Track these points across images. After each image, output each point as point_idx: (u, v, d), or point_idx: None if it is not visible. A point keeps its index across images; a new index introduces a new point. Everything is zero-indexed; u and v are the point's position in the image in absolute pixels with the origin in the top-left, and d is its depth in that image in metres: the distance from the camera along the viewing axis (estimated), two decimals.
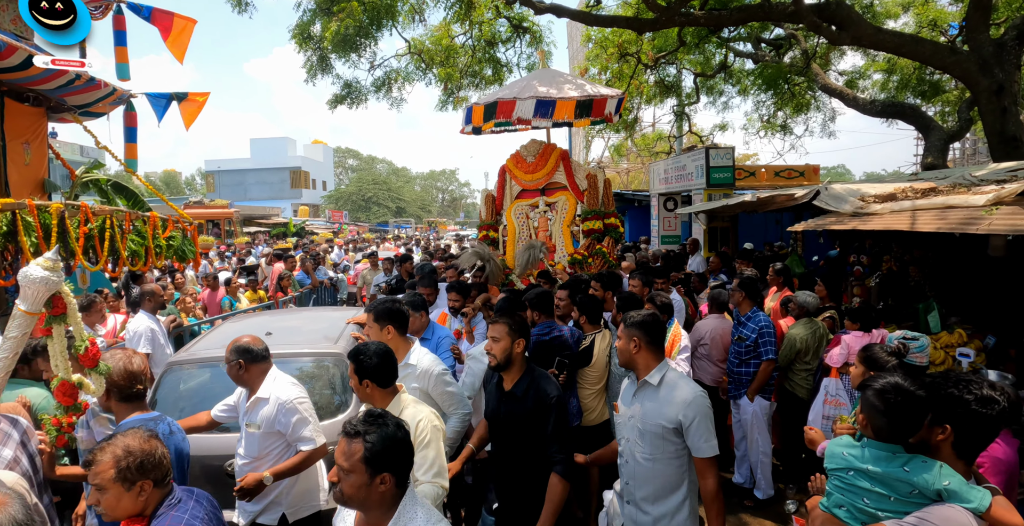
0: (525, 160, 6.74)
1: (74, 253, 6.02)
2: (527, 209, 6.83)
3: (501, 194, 6.96)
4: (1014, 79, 8.39)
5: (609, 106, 6.22)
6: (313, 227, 32.62)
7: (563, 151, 6.74)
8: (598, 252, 6.27)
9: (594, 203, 6.44)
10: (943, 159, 11.12)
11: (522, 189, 6.84)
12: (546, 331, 4.00)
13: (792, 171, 14.91)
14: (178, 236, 7.88)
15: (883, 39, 8.76)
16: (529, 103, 5.87)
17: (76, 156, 27.90)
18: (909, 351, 3.20)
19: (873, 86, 16.76)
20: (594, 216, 6.40)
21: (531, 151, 6.72)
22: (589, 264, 6.19)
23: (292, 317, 5.39)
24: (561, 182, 6.66)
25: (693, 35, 12.65)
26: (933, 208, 4.43)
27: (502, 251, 6.82)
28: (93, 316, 5.57)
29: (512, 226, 6.81)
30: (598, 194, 6.46)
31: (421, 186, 70.56)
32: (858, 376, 2.98)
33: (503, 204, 6.95)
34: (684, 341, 4.51)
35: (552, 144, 6.83)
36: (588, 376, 4.09)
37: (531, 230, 6.74)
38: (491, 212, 6.98)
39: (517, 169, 6.80)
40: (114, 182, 10.15)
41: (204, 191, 53.53)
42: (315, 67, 11.65)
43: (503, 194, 6.94)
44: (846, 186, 6.10)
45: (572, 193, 6.60)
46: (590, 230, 6.40)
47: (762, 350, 4.64)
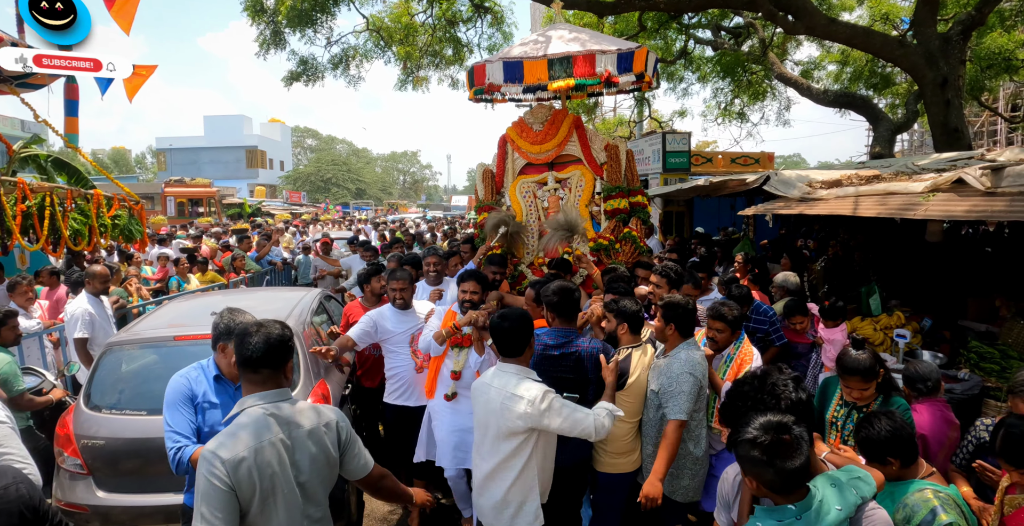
0: (531, 128, 5.73)
1: (11, 232, 5.78)
2: (533, 187, 5.82)
3: (502, 169, 5.91)
4: (958, 73, 8.70)
5: (603, 64, 5.01)
6: (270, 208, 31.85)
7: (576, 118, 5.75)
8: (627, 236, 5.37)
9: (616, 178, 5.47)
10: (890, 149, 11.51)
11: (527, 163, 5.85)
12: (561, 341, 3.16)
13: (748, 158, 15.25)
14: (124, 215, 7.61)
15: (836, 30, 8.97)
16: (497, 65, 5.15)
17: (16, 131, 26.58)
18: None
19: (828, 77, 17.17)
20: (618, 194, 5.45)
21: (538, 118, 5.70)
22: (617, 251, 5.32)
23: (243, 297, 5.28)
24: (574, 154, 5.69)
25: (654, 20, 12.70)
26: (875, 194, 4.59)
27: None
28: (18, 298, 5.33)
29: (518, 206, 5.78)
30: (620, 167, 5.48)
31: (382, 168, 69.51)
32: None
33: (504, 181, 5.94)
34: (756, 361, 3.40)
35: (563, 109, 5.84)
36: (620, 405, 3.07)
37: (539, 211, 5.73)
38: (491, 190, 5.94)
39: (521, 139, 5.74)
40: (55, 158, 9.72)
41: (155, 170, 51.71)
42: (268, 41, 11.30)
43: (504, 169, 5.90)
44: (795, 172, 6.25)
45: (588, 167, 5.62)
46: (614, 210, 5.44)
47: (774, 337, 4.62)
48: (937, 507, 2.05)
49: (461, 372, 3.72)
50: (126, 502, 3.11)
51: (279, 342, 2.04)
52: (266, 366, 2.02)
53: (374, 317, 4.07)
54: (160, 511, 3.09)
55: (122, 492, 3.13)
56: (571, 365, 3.12)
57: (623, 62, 4.95)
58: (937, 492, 2.13)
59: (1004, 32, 12.87)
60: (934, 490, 2.14)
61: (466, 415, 3.60)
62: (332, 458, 2.09)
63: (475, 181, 6.21)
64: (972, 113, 21.74)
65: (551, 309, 3.22)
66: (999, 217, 4.32)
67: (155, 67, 7.52)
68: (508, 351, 2.76)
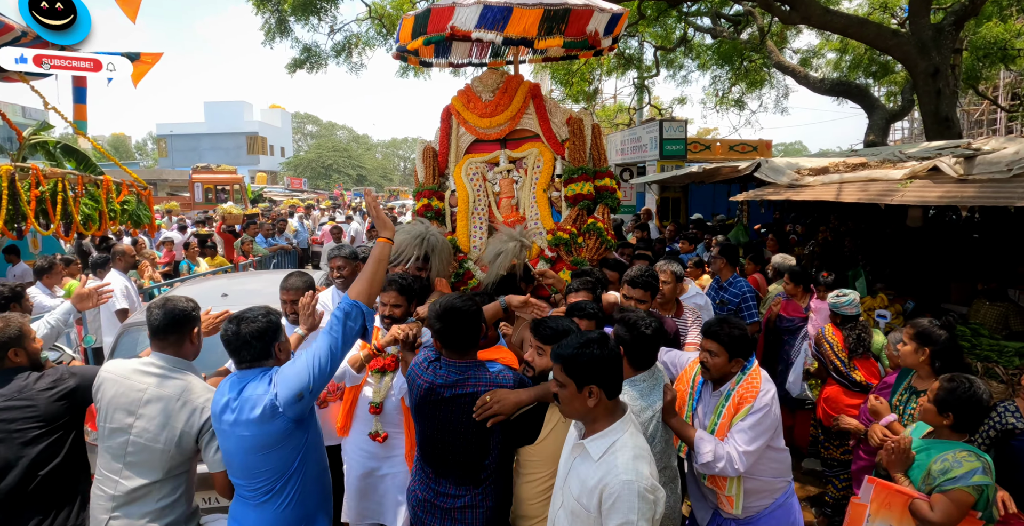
0: (479, 98, 4.85)
1: (25, 216, 5.99)
2: (483, 168, 4.94)
3: (445, 147, 5.04)
4: (949, 62, 8.86)
5: (595, 23, 4.35)
6: (271, 194, 32.02)
7: (533, 86, 4.83)
8: (591, 228, 4.52)
9: (580, 158, 4.60)
10: (884, 137, 11.67)
11: (475, 139, 4.98)
12: (454, 378, 2.42)
13: (746, 145, 15.41)
14: (132, 200, 7.82)
15: (831, 20, 9.11)
16: (473, 9, 4.19)
17: (18, 117, 26.70)
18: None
19: (827, 65, 17.26)
20: (581, 176, 4.56)
21: (488, 85, 4.83)
22: (579, 245, 4.51)
23: (251, 279, 5.51)
24: (531, 129, 4.82)
25: (653, 8, 12.81)
26: (857, 181, 4.79)
27: (450, 227, 4.97)
28: (53, 278, 5.62)
29: (463, 192, 4.87)
30: (584, 145, 4.60)
31: (383, 154, 69.50)
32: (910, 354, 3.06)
33: (448, 161, 5.08)
34: (764, 399, 2.55)
35: (518, 76, 4.91)
36: (527, 463, 2.47)
37: (490, 197, 4.88)
38: (432, 173, 5.05)
39: (468, 111, 4.89)
40: (64, 145, 9.91)
41: (156, 156, 51.77)
42: (273, 30, 11.45)
43: (448, 146, 5.05)
44: (785, 160, 6.43)
45: (547, 144, 4.75)
46: (577, 196, 4.56)
47: (745, 314, 4.84)
48: (978, 468, 2.26)
49: (382, 404, 2.98)
50: None
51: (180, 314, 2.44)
52: (160, 334, 2.41)
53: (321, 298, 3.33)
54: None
55: None
56: (463, 411, 2.36)
57: (612, 24, 4.44)
58: (979, 456, 2.33)
59: (1000, 21, 12.97)
60: (977, 455, 2.34)
61: (379, 457, 3.03)
62: (176, 434, 2.31)
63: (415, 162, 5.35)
64: (971, 102, 21.85)
65: (435, 337, 2.48)
66: (968, 202, 4.53)
67: (161, 55, 7.66)
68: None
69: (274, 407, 2.14)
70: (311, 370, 2.15)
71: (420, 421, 2.46)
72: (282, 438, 2.20)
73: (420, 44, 4.45)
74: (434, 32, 4.29)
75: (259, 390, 2.19)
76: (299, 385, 2.14)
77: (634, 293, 3.37)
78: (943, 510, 2.23)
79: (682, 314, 4.00)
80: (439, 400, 2.38)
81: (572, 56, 5.77)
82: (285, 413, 2.15)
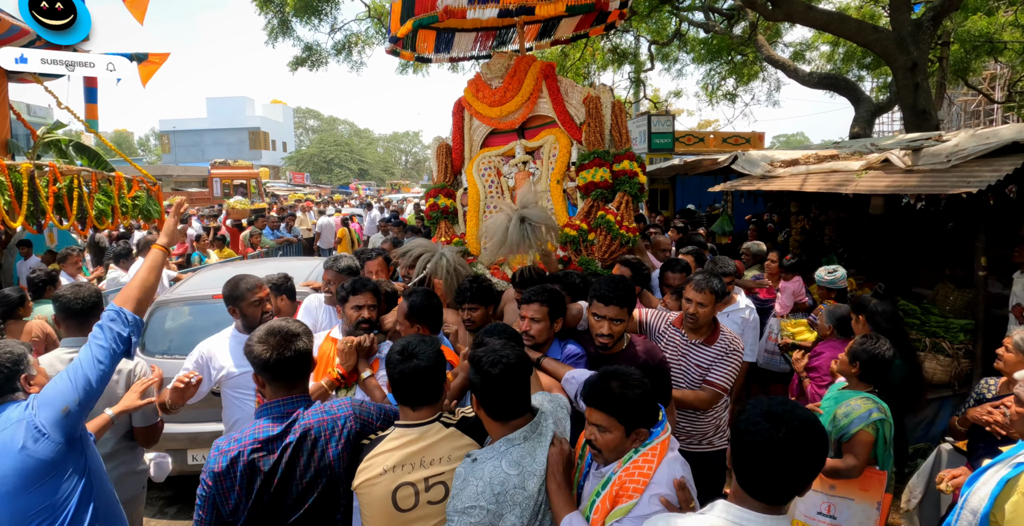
0: (488, 85, 4.45)
1: (44, 212, 6.37)
2: (497, 162, 4.51)
3: (459, 142, 4.66)
4: (928, 57, 9.17)
5: None
6: (274, 189, 32.41)
7: (545, 65, 4.32)
8: (600, 221, 3.89)
9: (597, 141, 4.02)
10: (869, 130, 11.97)
11: (492, 131, 4.57)
12: (273, 429, 1.96)
13: (739, 138, 15.74)
14: (143, 196, 8.22)
15: (813, 16, 9.42)
16: None
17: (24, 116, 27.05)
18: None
19: (821, 58, 17.52)
20: (594, 161, 3.97)
21: (496, 71, 4.41)
22: (590, 243, 3.92)
23: (261, 266, 5.92)
24: (548, 115, 4.32)
25: (645, 5, 13.09)
26: (821, 172, 5.16)
27: (462, 227, 4.59)
28: (69, 267, 6.00)
29: (475, 189, 4.48)
30: (603, 126, 4.04)
31: (384, 148, 69.86)
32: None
33: (464, 158, 4.69)
34: (654, 490, 1.83)
35: (528, 56, 4.44)
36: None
37: (505, 193, 4.48)
38: (445, 170, 4.71)
39: (479, 101, 4.47)
40: (76, 143, 10.29)
41: (159, 152, 52.16)
42: (276, 30, 11.80)
43: (461, 142, 4.67)
44: (761, 152, 6.77)
45: (563, 129, 4.23)
46: (589, 185, 3.99)
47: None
48: (873, 408, 2.66)
49: None
50: (174, 430, 3.79)
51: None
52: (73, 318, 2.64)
53: (204, 349, 2.98)
54: (202, 436, 3.79)
55: (171, 422, 3.80)
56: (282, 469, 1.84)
57: None
58: (876, 402, 2.72)
59: (986, 15, 13.23)
60: (874, 400, 2.73)
61: None
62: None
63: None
64: (968, 93, 22.09)
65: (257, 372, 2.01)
66: (911, 190, 4.89)
67: (168, 55, 8.02)
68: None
69: (36, 429, 1.89)
70: (74, 382, 1.94)
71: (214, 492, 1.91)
72: (53, 465, 1.90)
73: (410, 28, 4.08)
74: (422, 13, 3.98)
75: (14, 414, 1.95)
76: (62, 399, 1.92)
77: (606, 311, 2.54)
78: (849, 454, 2.62)
79: (715, 341, 2.97)
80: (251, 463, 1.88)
81: (583, 35, 5.37)
82: (51, 436, 1.90)
